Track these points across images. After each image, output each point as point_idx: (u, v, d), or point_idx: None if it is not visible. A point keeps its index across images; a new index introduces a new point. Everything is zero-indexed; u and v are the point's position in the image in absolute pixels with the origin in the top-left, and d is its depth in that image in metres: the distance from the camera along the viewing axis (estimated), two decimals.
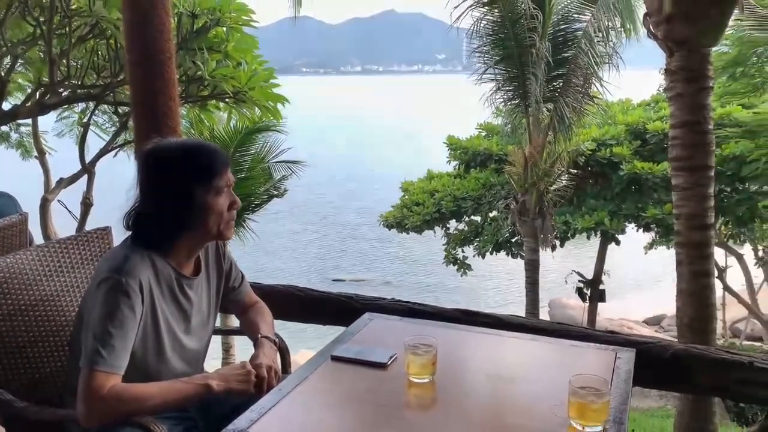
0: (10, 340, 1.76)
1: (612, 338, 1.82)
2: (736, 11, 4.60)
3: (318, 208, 35.13)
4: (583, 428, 1.34)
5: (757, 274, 19.23)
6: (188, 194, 1.67)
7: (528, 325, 1.92)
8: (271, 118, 7.55)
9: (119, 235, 2.01)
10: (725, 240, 15.74)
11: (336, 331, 1.92)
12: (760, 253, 18.76)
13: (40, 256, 1.90)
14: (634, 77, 11.08)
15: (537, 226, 9.99)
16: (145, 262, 1.66)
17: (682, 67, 4.12)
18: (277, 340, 1.92)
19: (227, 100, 7.21)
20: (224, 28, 6.72)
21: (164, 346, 1.71)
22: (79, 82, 6.61)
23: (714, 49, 4.77)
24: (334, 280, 27.37)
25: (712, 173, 4.24)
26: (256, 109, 7.35)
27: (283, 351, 1.97)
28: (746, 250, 18.32)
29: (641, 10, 9.31)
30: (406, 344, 1.60)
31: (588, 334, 1.92)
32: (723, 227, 14.60)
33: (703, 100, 4.16)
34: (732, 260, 18.82)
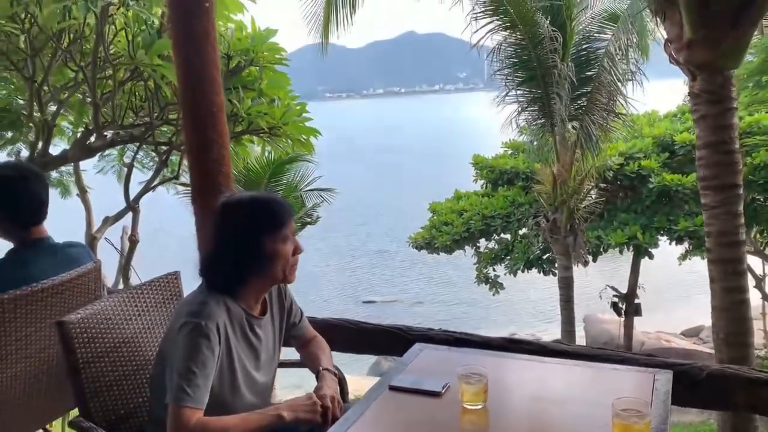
0: (99, 380, 1.96)
1: (650, 361, 1.94)
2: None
3: (348, 231, 35.40)
4: None
5: None
6: (258, 243, 1.86)
7: (570, 351, 2.05)
8: (305, 151, 7.80)
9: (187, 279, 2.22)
10: (762, 248, 15.54)
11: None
12: None
13: (120, 301, 2.10)
14: (659, 87, 11.13)
15: (569, 243, 10.04)
16: (220, 306, 1.84)
17: (705, 90, 4.23)
18: (337, 371, 2.08)
19: (262, 135, 7.49)
20: (257, 68, 7.01)
21: (238, 382, 1.89)
22: (120, 122, 6.93)
23: None
24: (364, 302, 27.51)
25: (740, 191, 4.32)
26: (290, 142, 7.62)
27: (342, 381, 2.13)
28: None
29: (655, 27, 9.45)
30: (459, 374, 1.75)
31: (627, 357, 2.04)
32: (758, 236, 14.44)
33: (728, 120, 4.26)
34: None
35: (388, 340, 2.35)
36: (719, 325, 4.30)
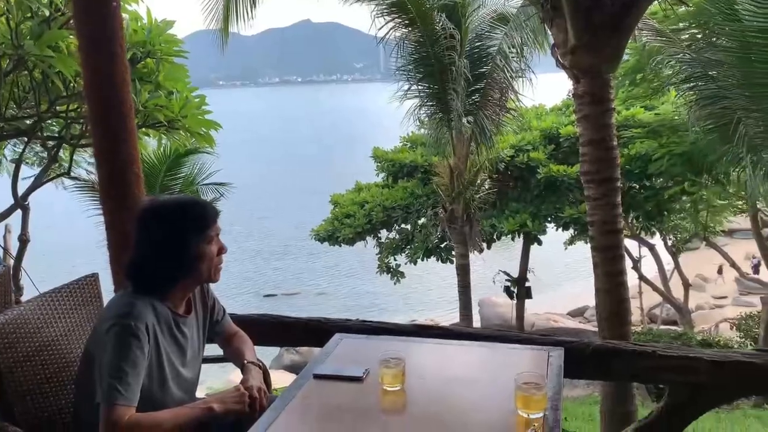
0: (21, 385, 1.95)
1: (544, 339, 2.20)
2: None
3: (249, 225, 34.81)
4: (528, 415, 1.69)
5: (668, 261, 20.68)
6: (184, 245, 1.93)
7: (474, 334, 2.28)
8: (205, 144, 7.69)
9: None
10: (637, 232, 16.90)
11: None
12: (670, 243, 20.19)
13: (37, 306, 2.09)
14: (547, 81, 11.84)
15: (465, 232, 10.52)
16: (147, 306, 1.90)
17: (587, 92, 4.65)
18: (261, 364, 2.19)
19: (159, 128, 7.30)
20: (154, 60, 6.83)
21: (166, 378, 1.95)
22: (2, 115, 6.55)
23: None
24: (265, 296, 27.24)
25: (619, 184, 4.79)
26: (189, 136, 7.48)
27: (266, 373, 2.23)
28: (657, 241, 19.67)
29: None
30: (379, 359, 1.91)
31: (524, 337, 2.29)
32: (635, 221, 15.69)
33: (607, 120, 4.71)
34: (645, 250, 20.18)
35: (308, 332, 2.47)
36: (602, 305, 4.76)
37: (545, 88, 12.32)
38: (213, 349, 2.33)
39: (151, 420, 1.80)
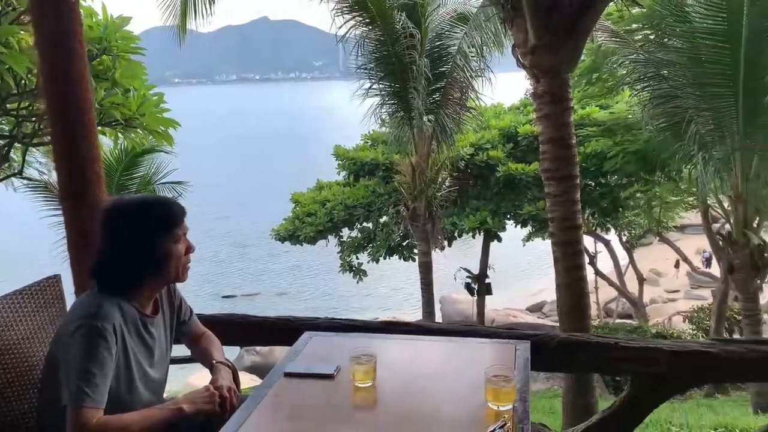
0: None
1: (510, 333, 2.24)
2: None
3: (208, 225, 34.28)
4: (498, 407, 1.72)
5: (623, 256, 21.20)
6: (152, 245, 1.90)
7: (442, 329, 2.30)
8: (164, 143, 7.56)
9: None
10: (593, 229, 17.28)
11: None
12: (624, 239, 20.72)
13: None
14: (505, 80, 12.03)
15: (428, 230, 10.60)
16: (114, 307, 1.87)
17: (547, 92, 4.75)
18: (230, 364, 2.17)
19: (116, 126, 7.15)
20: (110, 56, 6.68)
21: (134, 380, 1.92)
22: None
23: None
24: (224, 297, 26.87)
25: (578, 181, 4.91)
26: (146, 135, 7.35)
27: (235, 373, 2.22)
28: (612, 237, 20.16)
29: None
30: (351, 356, 1.92)
31: (491, 332, 2.33)
32: (591, 217, 16.04)
33: (566, 119, 4.82)
34: (601, 246, 20.66)
35: (276, 331, 2.46)
36: (563, 300, 4.87)
37: (504, 87, 12.50)
38: (179, 350, 2.30)
39: (120, 422, 1.78)
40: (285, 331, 2.37)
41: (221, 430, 1.72)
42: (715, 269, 20.81)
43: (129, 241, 1.89)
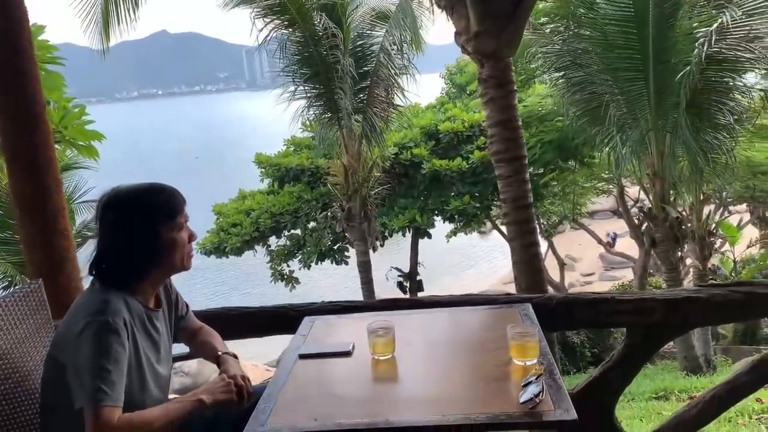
0: None
1: (509, 299, 2.30)
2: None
3: None
4: (525, 363, 1.77)
5: (541, 244, 22.01)
6: (155, 234, 1.82)
7: (442, 301, 2.33)
8: (87, 156, 7.21)
9: None
10: None
11: None
12: (543, 227, 21.54)
13: None
14: (421, 81, 12.27)
15: (364, 229, 10.62)
16: (121, 302, 1.77)
17: (491, 76, 4.90)
18: (233, 355, 2.10)
19: None
20: None
21: (145, 377, 1.83)
22: None
23: None
24: None
25: (526, 161, 5.08)
26: (64, 149, 7.00)
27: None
28: None
29: (425, 25, 10.42)
30: (368, 329, 1.91)
31: (489, 299, 2.38)
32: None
33: (511, 101, 4.99)
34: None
35: (274, 321, 2.41)
36: (521, 277, 5.02)
37: (420, 88, 12.72)
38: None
39: (142, 419, 1.69)
40: (284, 319, 2.33)
41: (252, 416, 1.67)
42: (626, 250, 22.00)
43: (133, 231, 1.81)
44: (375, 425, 1.57)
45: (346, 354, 1.96)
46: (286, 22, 9.56)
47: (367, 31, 10.40)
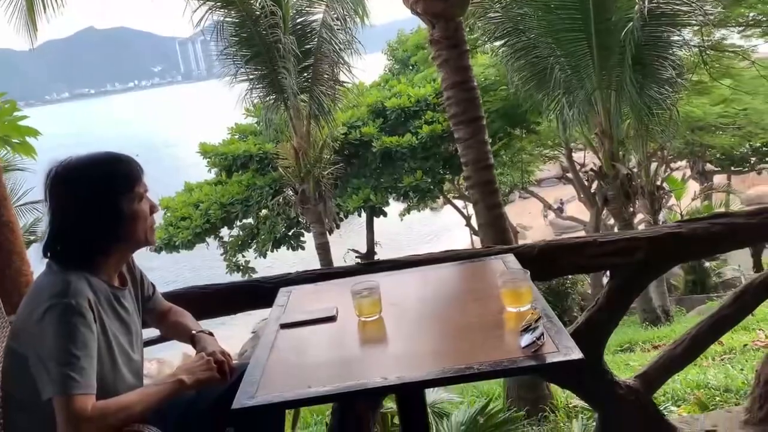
0: None
1: (490, 251, 2.23)
2: None
3: None
4: (519, 309, 1.70)
5: None
6: (115, 206, 1.66)
7: (422, 260, 2.24)
8: (23, 154, 6.84)
9: None
10: (465, 192, 17.98)
11: None
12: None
13: None
14: (365, 61, 12.10)
15: (320, 210, 10.46)
16: (83, 281, 1.62)
17: (443, 37, 4.81)
18: (208, 332, 1.97)
19: None
20: None
21: (117, 361, 1.69)
22: None
23: None
24: None
25: (484, 122, 5.03)
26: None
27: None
28: None
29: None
30: (352, 291, 1.81)
31: (472, 253, 2.31)
32: (463, 180, 16.63)
33: (465, 62, 4.91)
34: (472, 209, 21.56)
35: (247, 296, 2.27)
36: (487, 239, 4.99)
37: (366, 67, 12.54)
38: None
39: (119, 404, 1.55)
40: (259, 292, 2.20)
41: (240, 389, 1.55)
42: (575, 215, 22.50)
43: (91, 203, 1.65)
44: (372, 386, 1.48)
45: (331, 319, 1.85)
46: (221, 3, 9.24)
47: (307, 8, 10.15)
